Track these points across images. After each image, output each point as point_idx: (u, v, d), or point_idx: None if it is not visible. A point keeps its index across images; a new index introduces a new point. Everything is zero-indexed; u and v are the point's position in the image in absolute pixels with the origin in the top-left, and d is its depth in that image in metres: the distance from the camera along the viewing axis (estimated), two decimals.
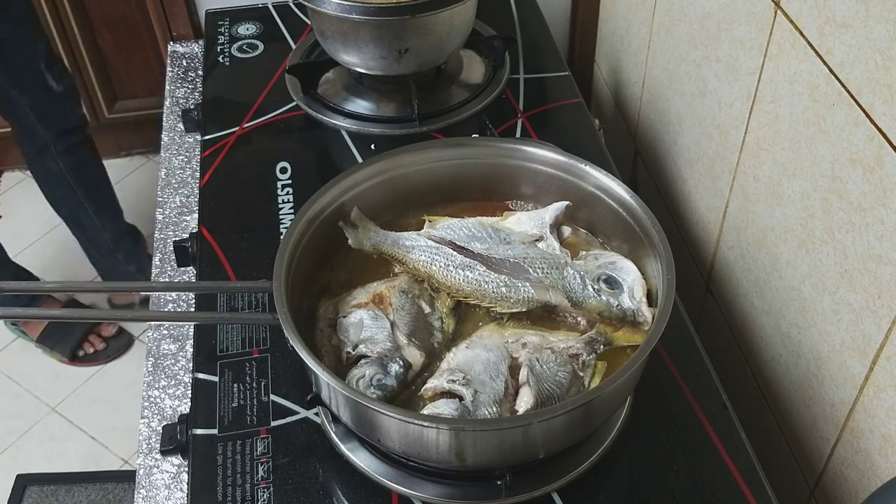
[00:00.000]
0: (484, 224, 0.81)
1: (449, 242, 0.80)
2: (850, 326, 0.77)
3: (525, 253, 0.79)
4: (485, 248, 0.79)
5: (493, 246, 0.79)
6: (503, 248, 0.79)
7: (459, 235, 0.80)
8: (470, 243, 0.79)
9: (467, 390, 0.68)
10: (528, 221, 0.82)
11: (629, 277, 0.77)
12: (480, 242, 0.80)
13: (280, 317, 0.67)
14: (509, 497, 0.71)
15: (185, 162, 1.15)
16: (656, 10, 1.17)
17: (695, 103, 1.06)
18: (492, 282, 0.77)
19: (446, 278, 0.78)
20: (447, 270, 0.78)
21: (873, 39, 0.69)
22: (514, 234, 0.81)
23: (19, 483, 1.60)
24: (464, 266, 0.78)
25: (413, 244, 0.80)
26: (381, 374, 0.70)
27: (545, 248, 0.80)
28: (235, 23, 1.29)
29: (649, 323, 0.74)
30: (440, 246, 0.79)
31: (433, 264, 0.78)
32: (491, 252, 0.79)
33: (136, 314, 1.67)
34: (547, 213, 0.82)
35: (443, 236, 0.80)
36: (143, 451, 0.83)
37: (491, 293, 0.76)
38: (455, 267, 0.78)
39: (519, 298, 0.76)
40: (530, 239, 0.80)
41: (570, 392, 0.69)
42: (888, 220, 0.70)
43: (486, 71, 1.19)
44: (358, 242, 0.81)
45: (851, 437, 0.79)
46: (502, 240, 0.80)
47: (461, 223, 0.81)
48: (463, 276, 0.77)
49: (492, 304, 0.76)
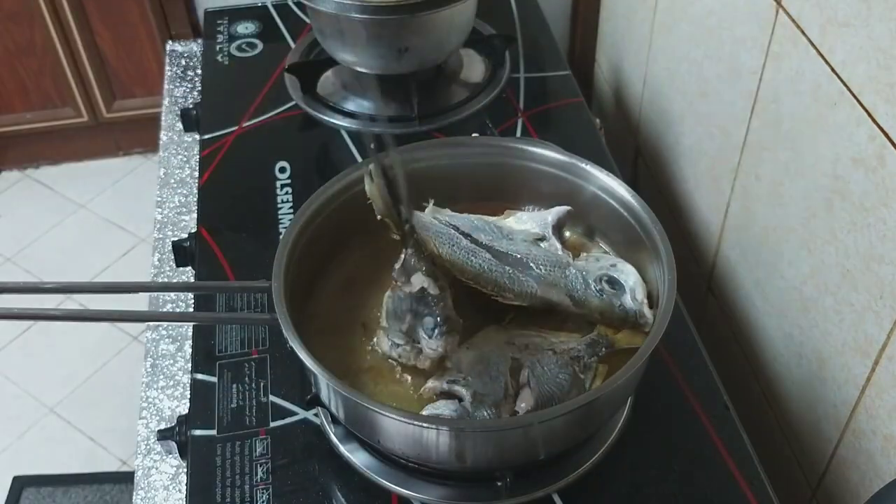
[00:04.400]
0: (486, 220, 0.81)
1: (454, 227, 0.78)
2: (852, 327, 0.77)
3: (528, 250, 0.78)
4: (489, 240, 0.78)
5: (496, 240, 0.78)
6: (506, 242, 0.78)
7: (463, 225, 0.79)
8: (475, 233, 0.78)
9: (466, 391, 0.68)
10: (529, 221, 0.81)
11: (630, 279, 0.77)
12: (485, 234, 0.78)
13: (279, 317, 0.67)
14: (510, 498, 0.71)
15: (184, 161, 1.15)
16: (657, 9, 1.16)
17: (696, 102, 1.06)
18: (496, 271, 0.75)
19: (451, 255, 0.74)
20: (453, 250, 0.75)
21: (875, 39, 0.68)
22: (517, 232, 0.80)
23: (16, 485, 1.59)
24: (469, 251, 0.75)
25: (422, 220, 0.77)
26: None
27: (547, 248, 0.79)
28: (234, 22, 1.29)
29: (651, 324, 0.74)
30: (447, 228, 0.77)
31: (437, 239, 0.75)
32: (495, 244, 0.77)
33: (135, 314, 1.66)
34: (549, 214, 0.82)
35: (448, 221, 0.79)
36: (142, 451, 0.83)
37: (494, 282, 0.74)
38: (460, 249, 0.75)
39: (521, 292, 0.75)
40: (533, 237, 0.80)
41: (570, 394, 0.69)
42: (890, 220, 0.69)
43: (486, 70, 1.18)
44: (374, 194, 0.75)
45: (853, 438, 0.79)
46: (505, 235, 0.79)
47: (464, 216, 0.80)
48: (468, 259, 0.75)
49: (494, 293, 0.74)
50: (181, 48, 1.34)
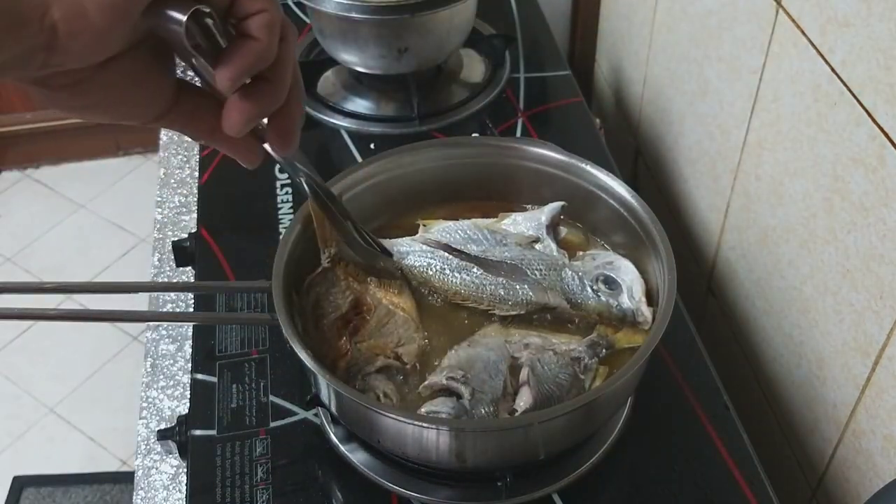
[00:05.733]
0: (479, 226, 0.81)
1: (444, 246, 0.79)
2: (852, 327, 0.77)
3: (522, 255, 0.78)
4: (481, 251, 0.78)
5: (489, 248, 0.79)
6: (499, 249, 0.79)
7: (455, 238, 0.80)
8: (466, 246, 0.79)
9: (465, 388, 0.68)
10: (523, 222, 0.81)
11: (628, 277, 0.77)
12: (476, 245, 0.79)
13: (279, 317, 0.67)
14: (510, 498, 0.71)
15: (184, 161, 1.15)
16: (657, 9, 1.16)
17: (696, 102, 1.06)
18: (489, 284, 0.76)
19: (443, 282, 0.77)
20: (443, 274, 0.77)
21: (875, 38, 0.68)
22: (511, 236, 0.80)
23: (16, 485, 1.59)
24: (460, 269, 0.77)
25: (408, 249, 0.79)
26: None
27: (542, 250, 0.79)
28: None
29: (649, 322, 0.74)
30: (435, 250, 0.79)
31: (429, 269, 0.78)
32: (487, 254, 0.78)
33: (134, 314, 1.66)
34: (543, 213, 0.81)
35: (438, 240, 0.80)
36: (142, 452, 0.83)
37: (489, 295, 0.76)
38: (451, 270, 0.77)
39: (517, 301, 0.76)
40: (527, 241, 0.80)
41: (569, 394, 0.69)
42: (890, 220, 0.69)
43: (486, 70, 1.18)
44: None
45: (853, 438, 0.79)
46: (498, 242, 0.79)
47: (456, 226, 0.81)
48: (460, 278, 0.77)
49: (490, 306, 0.76)
50: None
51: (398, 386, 0.71)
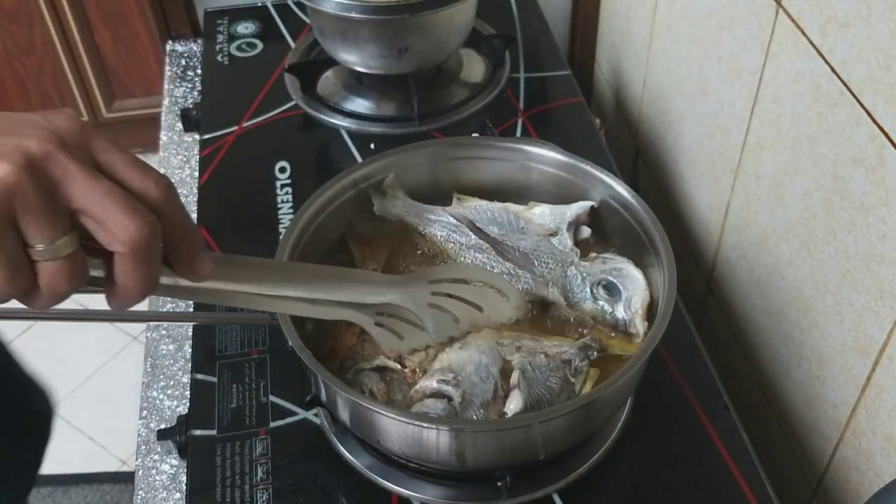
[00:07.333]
0: (508, 210, 0.83)
1: (469, 222, 0.81)
2: (852, 327, 0.77)
3: (536, 245, 0.79)
4: (501, 234, 0.81)
5: (508, 233, 0.81)
6: (517, 236, 0.80)
7: (482, 218, 0.82)
8: (488, 227, 0.81)
9: (456, 391, 0.68)
10: (549, 215, 0.82)
11: (631, 287, 0.76)
12: (499, 227, 0.81)
13: (279, 317, 0.67)
14: (510, 498, 0.71)
15: (184, 161, 1.15)
16: (657, 9, 1.16)
17: (696, 102, 1.06)
18: (498, 267, 0.78)
19: (457, 255, 0.80)
20: (460, 250, 0.80)
21: (875, 39, 0.68)
22: (531, 226, 0.81)
23: None
24: (476, 248, 0.79)
25: (436, 218, 0.82)
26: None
27: (557, 244, 0.80)
28: (234, 21, 1.28)
29: (640, 336, 0.74)
30: (460, 224, 0.81)
31: (449, 241, 0.81)
32: (505, 239, 0.80)
33: (134, 314, 1.66)
34: (570, 209, 0.82)
35: (465, 215, 0.82)
36: (142, 452, 0.83)
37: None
38: (468, 247, 0.80)
39: (518, 288, 0.76)
40: (545, 232, 0.81)
41: (560, 398, 0.69)
42: (890, 220, 0.69)
43: (486, 70, 1.18)
44: (383, 209, 0.82)
45: (853, 438, 0.79)
46: (519, 229, 0.81)
47: (488, 206, 0.83)
48: (473, 256, 0.79)
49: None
50: (181, 48, 1.34)
51: (388, 385, 0.71)
